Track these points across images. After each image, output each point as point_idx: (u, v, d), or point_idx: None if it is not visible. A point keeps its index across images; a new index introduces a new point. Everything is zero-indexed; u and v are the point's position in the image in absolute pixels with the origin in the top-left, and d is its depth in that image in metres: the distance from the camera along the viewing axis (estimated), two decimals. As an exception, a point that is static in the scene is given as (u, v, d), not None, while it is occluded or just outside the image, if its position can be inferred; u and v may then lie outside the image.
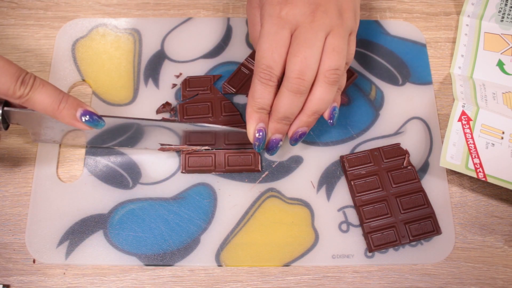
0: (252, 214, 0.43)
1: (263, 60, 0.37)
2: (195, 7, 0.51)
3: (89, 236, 0.42)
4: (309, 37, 0.36)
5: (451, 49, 0.50)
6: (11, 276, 0.41)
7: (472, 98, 0.45)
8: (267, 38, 0.37)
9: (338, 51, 0.37)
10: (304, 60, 0.36)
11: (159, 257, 0.41)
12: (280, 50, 0.37)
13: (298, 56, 0.36)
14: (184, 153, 0.44)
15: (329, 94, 0.38)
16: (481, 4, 0.50)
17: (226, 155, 0.44)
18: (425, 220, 0.42)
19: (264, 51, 0.37)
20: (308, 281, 0.41)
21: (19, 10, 0.50)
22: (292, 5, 0.37)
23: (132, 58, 0.48)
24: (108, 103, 0.47)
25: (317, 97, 0.38)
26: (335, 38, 0.37)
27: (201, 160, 0.44)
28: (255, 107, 0.39)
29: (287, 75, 0.37)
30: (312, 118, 0.39)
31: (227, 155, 0.44)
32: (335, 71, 0.37)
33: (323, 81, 0.37)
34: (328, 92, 0.38)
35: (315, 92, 0.38)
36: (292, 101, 0.38)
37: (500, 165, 0.42)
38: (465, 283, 0.42)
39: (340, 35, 0.37)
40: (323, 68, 0.37)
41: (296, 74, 0.37)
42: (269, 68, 0.37)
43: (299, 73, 0.36)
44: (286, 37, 0.37)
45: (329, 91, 0.38)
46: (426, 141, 0.46)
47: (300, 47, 0.36)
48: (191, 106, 0.46)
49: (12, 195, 0.43)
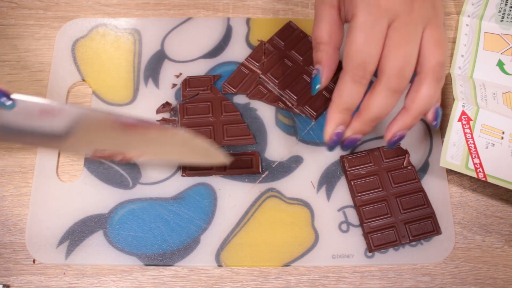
0: (252, 214, 0.43)
1: (359, 54, 0.33)
2: (195, 7, 0.51)
3: (89, 236, 0.42)
4: (410, 30, 0.33)
5: (451, 49, 0.50)
6: (11, 276, 0.41)
7: (472, 98, 0.45)
8: (364, 30, 0.33)
9: (441, 44, 0.34)
10: (405, 57, 0.33)
11: (159, 257, 0.41)
12: (378, 44, 0.33)
13: (399, 51, 0.33)
14: None
15: (437, 91, 0.35)
16: (481, 4, 0.50)
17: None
18: (425, 220, 0.42)
19: (360, 44, 0.33)
20: (308, 281, 0.41)
21: (19, 10, 0.50)
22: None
23: (132, 58, 0.48)
24: (108, 103, 0.47)
25: (425, 95, 0.35)
26: (435, 30, 0.34)
27: None
28: (341, 107, 0.35)
29: (386, 72, 0.34)
30: (417, 119, 0.36)
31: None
32: (442, 66, 0.34)
33: (432, 78, 0.34)
34: (436, 90, 0.35)
35: (422, 90, 0.34)
36: (389, 101, 0.34)
37: (500, 165, 0.42)
38: (465, 283, 0.42)
39: (438, 27, 0.34)
40: (429, 64, 0.34)
41: (396, 71, 0.33)
42: (364, 64, 0.34)
43: (400, 69, 0.33)
44: (384, 29, 0.33)
45: (437, 88, 0.35)
46: (426, 141, 0.46)
47: (401, 41, 0.33)
48: (191, 106, 0.46)
49: (12, 195, 0.43)
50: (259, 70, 0.47)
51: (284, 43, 0.48)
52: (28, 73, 0.48)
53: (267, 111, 0.47)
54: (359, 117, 0.36)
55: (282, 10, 0.51)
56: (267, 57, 0.48)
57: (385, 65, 0.34)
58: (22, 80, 0.47)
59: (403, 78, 0.34)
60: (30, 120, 0.35)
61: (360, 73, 0.34)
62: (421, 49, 0.34)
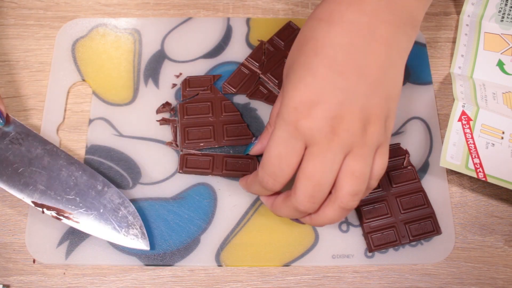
0: (252, 214, 0.43)
1: (270, 166, 0.34)
2: (195, 7, 0.51)
3: (89, 236, 0.42)
4: (326, 159, 0.32)
5: (451, 49, 0.50)
6: (11, 276, 0.41)
7: (472, 98, 0.45)
8: (278, 145, 0.33)
9: (358, 175, 0.32)
10: (318, 185, 0.32)
11: (159, 257, 0.41)
12: (290, 161, 0.33)
13: (311, 179, 0.32)
14: (183, 154, 0.44)
15: (340, 217, 0.34)
16: (481, 4, 0.50)
17: (224, 159, 0.44)
18: (425, 220, 0.42)
19: (272, 157, 0.33)
20: (308, 281, 0.41)
21: (19, 10, 0.50)
22: (310, 119, 0.32)
23: (132, 58, 0.48)
24: (108, 103, 0.47)
25: (326, 217, 0.34)
26: (355, 160, 0.32)
27: (199, 162, 0.44)
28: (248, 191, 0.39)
29: (297, 195, 0.33)
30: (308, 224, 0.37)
31: (226, 159, 0.44)
32: (353, 197, 0.33)
33: (338, 206, 0.33)
34: (338, 216, 0.34)
35: (325, 212, 0.34)
36: (295, 215, 0.36)
37: (500, 165, 0.42)
38: (465, 283, 0.42)
39: (361, 157, 0.32)
40: (340, 193, 0.33)
41: (307, 198, 0.33)
42: (274, 176, 0.34)
43: (310, 197, 0.33)
44: (299, 148, 0.33)
45: (340, 215, 0.34)
46: (426, 141, 0.46)
47: (315, 169, 0.32)
48: (191, 106, 0.46)
49: (12, 195, 0.43)
50: (259, 70, 0.47)
51: (284, 43, 0.48)
52: (28, 73, 0.48)
53: (267, 111, 0.47)
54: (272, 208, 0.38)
55: (282, 10, 0.51)
56: (267, 57, 0.48)
57: (297, 185, 0.33)
58: (22, 80, 0.47)
59: (312, 204, 0.33)
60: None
61: (270, 184, 0.34)
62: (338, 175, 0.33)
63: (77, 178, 0.41)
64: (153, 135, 0.45)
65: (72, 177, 0.41)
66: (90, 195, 0.41)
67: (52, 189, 0.41)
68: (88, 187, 0.41)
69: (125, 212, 0.41)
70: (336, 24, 0.33)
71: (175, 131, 0.45)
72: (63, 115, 0.46)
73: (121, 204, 0.41)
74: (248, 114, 0.46)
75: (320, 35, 0.33)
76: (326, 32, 0.33)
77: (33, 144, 0.42)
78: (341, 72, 0.32)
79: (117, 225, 0.40)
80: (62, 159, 0.42)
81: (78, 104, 0.47)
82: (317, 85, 0.32)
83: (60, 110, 0.46)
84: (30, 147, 0.41)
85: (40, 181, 0.41)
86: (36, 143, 0.42)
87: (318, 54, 0.33)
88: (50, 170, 0.41)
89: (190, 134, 0.44)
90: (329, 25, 0.33)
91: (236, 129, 0.45)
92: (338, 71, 0.32)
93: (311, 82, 0.32)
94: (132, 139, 0.45)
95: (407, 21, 0.34)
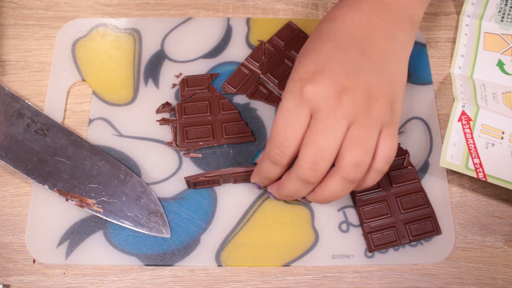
0: (252, 214, 0.43)
1: (276, 137, 0.34)
2: (195, 7, 0.51)
3: (89, 236, 0.42)
4: (329, 124, 0.32)
5: (451, 49, 0.50)
6: (11, 276, 0.41)
7: (472, 98, 0.45)
8: (284, 114, 0.34)
9: (361, 144, 0.32)
10: (320, 151, 0.32)
11: (159, 257, 0.41)
12: (295, 130, 0.33)
13: (314, 144, 0.33)
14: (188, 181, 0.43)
15: (344, 191, 0.34)
16: (481, 4, 0.50)
17: (233, 176, 0.43)
18: (425, 220, 0.42)
19: (278, 127, 0.34)
20: (308, 281, 0.41)
21: (19, 10, 0.50)
22: (315, 84, 0.33)
23: (132, 58, 0.48)
24: (108, 103, 0.47)
25: (329, 190, 0.34)
26: (359, 128, 0.33)
27: (208, 184, 0.43)
28: (260, 177, 0.38)
29: (299, 162, 0.33)
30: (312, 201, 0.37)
31: (234, 176, 0.43)
32: (356, 167, 0.33)
33: (340, 176, 0.33)
34: (342, 189, 0.34)
35: (328, 185, 0.34)
36: (299, 188, 0.35)
37: (500, 165, 0.42)
38: (465, 283, 0.42)
39: (365, 126, 0.33)
40: (342, 162, 0.33)
41: (309, 164, 0.33)
42: (281, 147, 0.34)
43: (312, 163, 0.33)
44: (304, 116, 0.33)
45: (344, 188, 0.34)
46: (426, 141, 0.46)
47: (318, 134, 0.33)
48: (190, 105, 0.46)
49: (12, 195, 0.43)
50: (259, 70, 0.47)
51: (284, 43, 0.48)
52: (28, 73, 0.48)
53: (267, 111, 0.47)
54: (276, 187, 0.38)
55: (282, 10, 0.51)
56: (267, 57, 0.48)
57: (300, 154, 0.33)
58: (22, 80, 0.47)
59: (315, 172, 0.33)
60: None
61: (277, 156, 0.34)
62: (341, 146, 0.33)
63: (100, 168, 0.43)
64: (153, 135, 0.45)
65: (95, 167, 0.42)
66: (113, 184, 0.42)
67: (76, 178, 0.42)
68: (111, 176, 0.42)
69: (146, 200, 0.42)
70: (338, 21, 0.36)
71: (175, 131, 0.45)
72: (63, 115, 0.46)
73: (143, 192, 0.42)
74: (248, 114, 0.46)
75: (324, 30, 0.37)
76: (329, 27, 0.37)
77: (57, 135, 0.43)
78: (344, 50, 0.35)
79: (139, 212, 0.41)
80: (85, 149, 0.43)
81: (78, 104, 0.47)
82: (321, 59, 0.34)
83: (60, 110, 0.46)
84: (55, 138, 0.43)
85: (64, 170, 0.42)
86: (61, 134, 0.43)
87: (323, 39, 0.36)
88: (74, 160, 0.43)
89: (189, 134, 0.44)
90: (332, 23, 0.37)
91: (235, 127, 0.45)
92: (342, 50, 0.35)
93: (316, 57, 0.35)
94: (132, 139, 0.45)
95: (404, 20, 0.37)
